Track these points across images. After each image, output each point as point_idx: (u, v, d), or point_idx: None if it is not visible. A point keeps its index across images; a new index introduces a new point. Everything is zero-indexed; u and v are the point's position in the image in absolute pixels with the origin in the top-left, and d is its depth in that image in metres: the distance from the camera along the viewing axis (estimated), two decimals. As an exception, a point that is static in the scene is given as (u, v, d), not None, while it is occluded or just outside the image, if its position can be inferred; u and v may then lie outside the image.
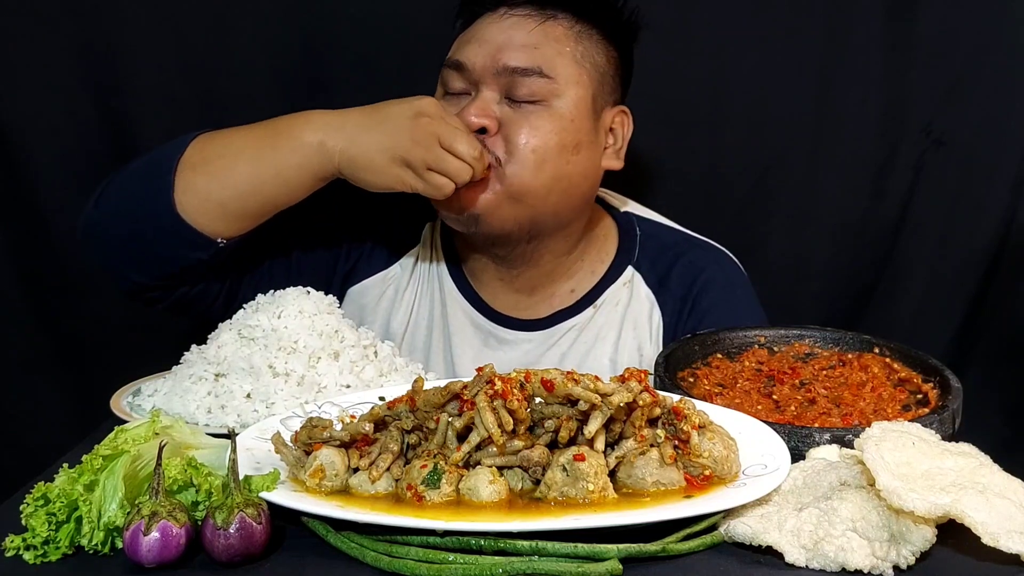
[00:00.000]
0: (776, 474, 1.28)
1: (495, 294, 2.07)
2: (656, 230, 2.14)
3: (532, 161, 1.86)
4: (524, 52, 1.87)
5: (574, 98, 1.89)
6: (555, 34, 1.90)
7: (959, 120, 2.49)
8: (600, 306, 2.05)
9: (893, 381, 1.67)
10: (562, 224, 1.97)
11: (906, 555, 1.14)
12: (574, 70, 1.90)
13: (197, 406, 1.59)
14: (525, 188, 1.87)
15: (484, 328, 2.05)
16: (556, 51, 1.89)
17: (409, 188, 1.80)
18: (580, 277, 2.07)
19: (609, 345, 2.03)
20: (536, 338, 2.04)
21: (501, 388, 1.28)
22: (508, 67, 1.86)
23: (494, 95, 1.88)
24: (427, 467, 1.25)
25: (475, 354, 2.03)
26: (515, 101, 1.87)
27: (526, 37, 1.88)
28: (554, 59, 1.88)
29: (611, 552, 1.14)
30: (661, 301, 2.05)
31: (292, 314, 1.68)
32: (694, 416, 1.32)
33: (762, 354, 1.78)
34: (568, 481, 1.24)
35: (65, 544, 1.17)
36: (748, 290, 2.12)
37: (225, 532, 1.14)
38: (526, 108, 1.87)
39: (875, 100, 2.50)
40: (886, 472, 1.18)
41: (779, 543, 1.16)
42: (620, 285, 2.06)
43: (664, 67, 2.43)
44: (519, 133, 1.86)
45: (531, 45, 1.88)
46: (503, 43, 1.88)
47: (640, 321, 2.04)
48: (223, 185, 1.79)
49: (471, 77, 1.89)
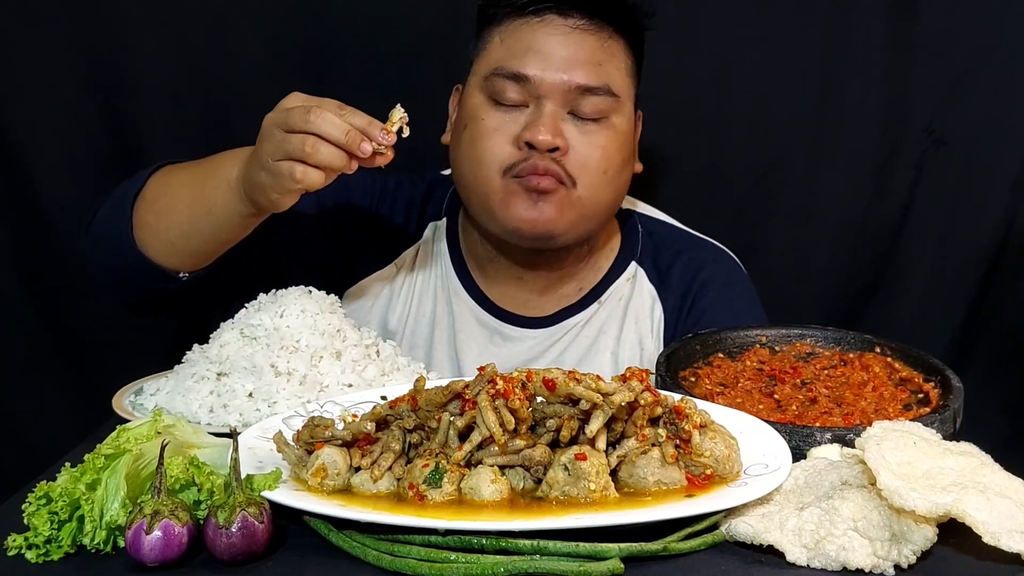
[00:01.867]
0: (777, 473, 1.28)
1: (504, 293, 2.07)
2: (659, 228, 2.16)
3: (603, 181, 1.89)
4: (592, 70, 1.87)
5: (628, 113, 1.93)
6: (612, 50, 1.91)
7: (960, 119, 2.49)
8: (604, 302, 2.07)
9: (894, 380, 1.67)
10: (598, 232, 2.03)
11: (907, 554, 1.14)
12: (628, 85, 1.93)
13: (199, 405, 1.59)
14: (597, 207, 1.91)
15: (490, 325, 2.06)
16: (615, 67, 1.90)
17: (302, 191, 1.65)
18: (586, 274, 2.09)
19: (611, 340, 2.04)
20: (541, 335, 2.06)
21: (503, 387, 1.27)
22: (579, 85, 1.85)
23: (560, 111, 1.86)
24: (429, 466, 1.25)
25: (480, 350, 2.04)
26: (579, 118, 1.87)
27: (592, 54, 1.88)
28: (615, 76, 1.90)
29: (612, 551, 1.14)
30: (663, 297, 2.06)
31: (294, 313, 1.67)
32: (695, 415, 1.32)
33: (763, 353, 1.78)
34: (570, 480, 1.24)
35: (67, 543, 1.17)
36: (748, 289, 2.13)
37: (227, 531, 1.14)
38: (590, 125, 1.87)
39: (876, 99, 2.50)
40: (887, 471, 1.18)
41: (780, 542, 1.16)
42: (623, 281, 2.08)
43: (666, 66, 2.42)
44: (591, 154, 1.87)
45: (597, 62, 1.88)
46: (571, 59, 1.86)
47: (642, 316, 2.06)
48: (168, 224, 1.77)
49: (534, 91, 1.86)
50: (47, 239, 2.48)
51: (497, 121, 1.88)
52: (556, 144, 1.83)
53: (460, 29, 2.02)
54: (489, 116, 1.89)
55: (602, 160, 1.87)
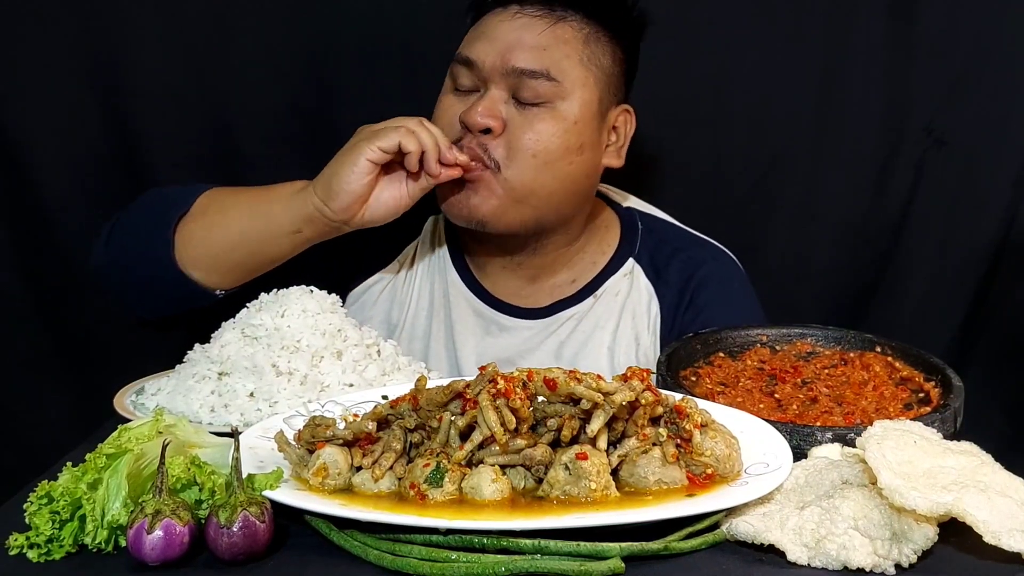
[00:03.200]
0: (778, 473, 1.28)
1: (497, 282, 2.09)
2: (658, 225, 2.16)
3: (533, 165, 1.88)
4: (533, 54, 1.88)
5: (580, 101, 1.90)
6: (564, 36, 1.90)
7: (960, 119, 2.49)
8: (600, 296, 2.07)
9: (895, 380, 1.67)
10: (565, 220, 2.01)
11: (908, 553, 1.14)
12: (581, 73, 1.91)
13: (200, 405, 1.59)
14: (527, 191, 1.89)
15: (486, 316, 2.07)
16: (564, 54, 1.89)
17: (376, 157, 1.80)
18: (581, 268, 2.09)
19: (607, 334, 2.05)
20: (536, 326, 2.06)
21: (504, 387, 1.28)
22: (516, 68, 1.87)
23: (502, 94, 1.89)
24: (430, 466, 1.25)
25: (477, 341, 2.06)
26: (521, 102, 1.88)
27: (535, 38, 1.89)
28: (562, 62, 1.89)
29: (613, 551, 1.14)
30: (660, 293, 2.06)
31: (295, 313, 1.68)
32: (696, 415, 1.32)
33: (764, 353, 1.78)
34: (571, 480, 1.24)
35: (69, 542, 1.17)
36: (746, 287, 2.13)
37: (228, 530, 1.14)
38: (531, 110, 1.88)
39: (876, 99, 2.49)
40: (888, 471, 1.18)
41: (781, 541, 1.16)
42: (620, 276, 2.08)
43: (666, 66, 2.43)
44: (522, 137, 1.87)
45: (540, 47, 1.88)
46: (512, 43, 1.88)
47: (639, 312, 2.06)
48: (219, 236, 1.85)
49: (480, 75, 1.90)
50: (47, 239, 2.47)
51: (450, 103, 1.94)
52: (487, 125, 1.86)
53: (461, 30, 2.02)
54: (446, 100, 1.96)
55: (534, 143, 1.87)
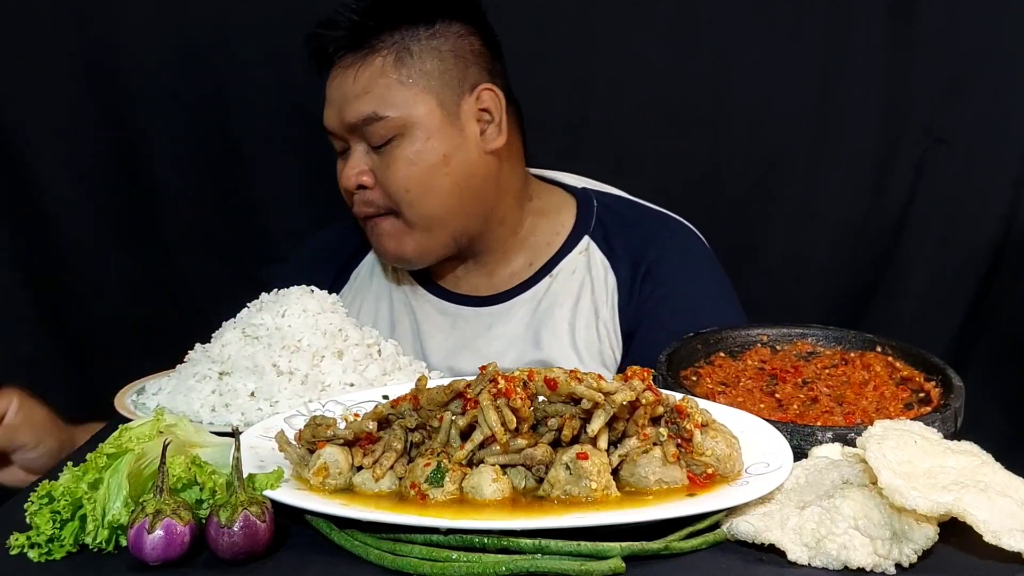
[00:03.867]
0: (778, 472, 1.27)
1: (457, 280, 2.14)
2: (613, 202, 2.18)
3: (412, 199, 1.94)
4: (357, 103, 1.92)
5: (421, 118, 1.93)
6: (375, 70, 1.93)
7: (960, 119, 2.49)
8: (556, 275, 2.09)
9: (895, 380, 1.67)
10: (488, 218, 2.06)
11: (908, 553, 1.13)
12: (406, 93, 1.93)
13: (201, 404, 1.59)
14: (425, 220, 1.97)
15: (450, 312, 2.12)
16: (383, 86, 1.92)
17: None
18: (536, 251, 2.12)
19: (567, 311, 2.07)
20: (498, 311, 2.11)
21: (504, 387, 1.27)
22: (351, 123, 1.93)
23: (361, 147, 1.96)
24: (430, 465, 1.25)
25: (444, 336, 2.10)
26: (376, 148, 1.93)
27: (353, 87, 1.93)
28: (383, 95, 1.92)
29: (614, 550, 1.14)
30: (615, 267, 2.08)
31: (296, 313, 1.68)
32: (697, 415, 1.32)
33: (765, 353, 1.78)
34: (571, 479, 1.23)
35: (69, 542, 1.17)
36: (709, 259, 2.14)
37: (229, 530, 1.14)
38: (386, 151, 1.94)
39: (876, 99, 2.50)
40: (888, 470, 1.18)
41: (781, 541, 1.15)
42: (576, 254, 2.10)
43: (665, 66, 2.44)
44: (389, 181, 1.94)
45: (360, 93, 1.92)
46: (340, 100, 1.95)
47: (596, 286, 2.07)
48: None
49: (339, 138, 1.98)
50: (48, 239, 2.48)
51: (340, 169, 2.01)
52: (359, 182, 1.96)
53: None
54: (337, 166, 2.02)
55: (403, 180, 1.93)
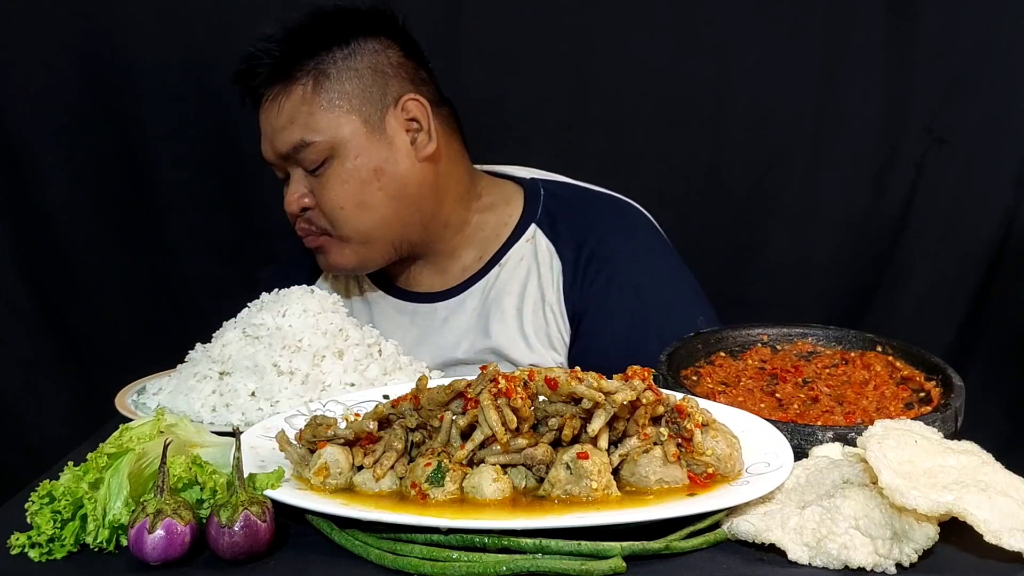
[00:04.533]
0: (779, 472, 1.27)
1: (411, 279, 2.17)
2: (560, 188, 2.19)
3: (347, 216, 1.98)
4: (285, 133, 1.97)
5: (347, 138, 1.97)
6: (296, 99, 1.97)
7: (960, 118, 2.49)
8: (505, 264, 2.11)
9: (896, 379, 1.66)
10: (430, 222, 2.09)
11: (909, 553, 1.13)
12: (330, 117, 1.96)
13: (202, 404, 1.59)
14: (363, 236, 2.01)
15: (407, 310, 2.16)
16: (306, 113, 1.96)
17: None
18: (485, 243, 2.15)
19: (515, 297, 2.09)
20: (452, 303, 2.14)
21: (505, 386, 1.28)
22: (283, 153, 1.98)
23: (298, 173, 2.00)
24: (431, 465, 1.25)
25: (403, 333, 2.10)
26: (311, 171, 1.98)
27: (279, 118, 1.98)
28: (308, 122, 1.96)
29: (615, 550, 1.14)
30: (559, 251, 2.09)
31: (296, 312, 1.68)
32: (697, 414, 1.31)
33: (765, 352, 1.77)
34: (572, 479, 1.23)
35: (70, 542, 1.18)
36: (655, 237, 2.15)
37: (230, 530, 1.14)
38: (320, 174, 1.98)
39: (876, 98, 2.49)
40: (888, 470, 1.18)
41: (782, 541, 1.15)
42: (523, 242, 2.12)
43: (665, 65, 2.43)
44: (327, 201, 1.98)
45: (286, 123, 1.97)
46: (270, 132, 2.00)
47: (543, 271, 2.09)
48: None
49: (277, 166, 2.03)
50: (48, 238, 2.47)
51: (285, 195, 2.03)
52: (301, 205, 2.00)
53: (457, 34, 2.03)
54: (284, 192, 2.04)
55: (338, 199, 1.97)
